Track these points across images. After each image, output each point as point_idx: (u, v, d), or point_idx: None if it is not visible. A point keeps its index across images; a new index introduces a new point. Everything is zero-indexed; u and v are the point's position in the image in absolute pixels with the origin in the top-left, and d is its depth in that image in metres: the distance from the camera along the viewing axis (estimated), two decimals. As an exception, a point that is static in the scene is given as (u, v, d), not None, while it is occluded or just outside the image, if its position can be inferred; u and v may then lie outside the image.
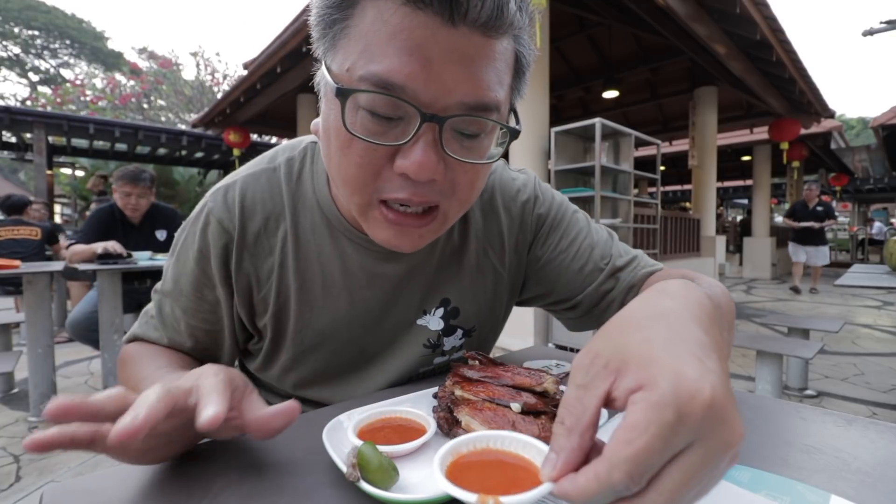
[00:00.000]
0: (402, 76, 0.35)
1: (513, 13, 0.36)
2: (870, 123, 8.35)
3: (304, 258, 0.54)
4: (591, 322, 0.64)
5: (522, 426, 0.38)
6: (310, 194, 0.55)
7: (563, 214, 0.64)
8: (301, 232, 0.54)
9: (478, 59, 0.36)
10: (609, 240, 0.64)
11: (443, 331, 0.61)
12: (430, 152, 0.38)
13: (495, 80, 0.38)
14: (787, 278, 8.90)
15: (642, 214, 4.34)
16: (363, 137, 0.38)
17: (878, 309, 5.51)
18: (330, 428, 0.40)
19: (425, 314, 0.60)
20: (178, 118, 17.88)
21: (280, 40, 4.78)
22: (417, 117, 0.37)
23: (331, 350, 0.57)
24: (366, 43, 0.36)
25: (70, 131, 7.03)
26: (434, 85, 0.36)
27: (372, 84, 0.36)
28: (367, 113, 0.38)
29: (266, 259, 0.54)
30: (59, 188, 12.57)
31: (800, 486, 0.33)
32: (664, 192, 17.59)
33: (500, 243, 0.62)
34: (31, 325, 2.26)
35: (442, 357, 0.63)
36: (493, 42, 0.37)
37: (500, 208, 0.62)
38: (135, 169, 2.57)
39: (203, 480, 0.36)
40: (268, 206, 0.53)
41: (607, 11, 5.28)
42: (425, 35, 0.35)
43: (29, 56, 26.09)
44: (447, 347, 0.62)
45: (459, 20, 0.35)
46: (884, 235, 12.75)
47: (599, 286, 0.60)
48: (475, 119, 0.38)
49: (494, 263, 0.62)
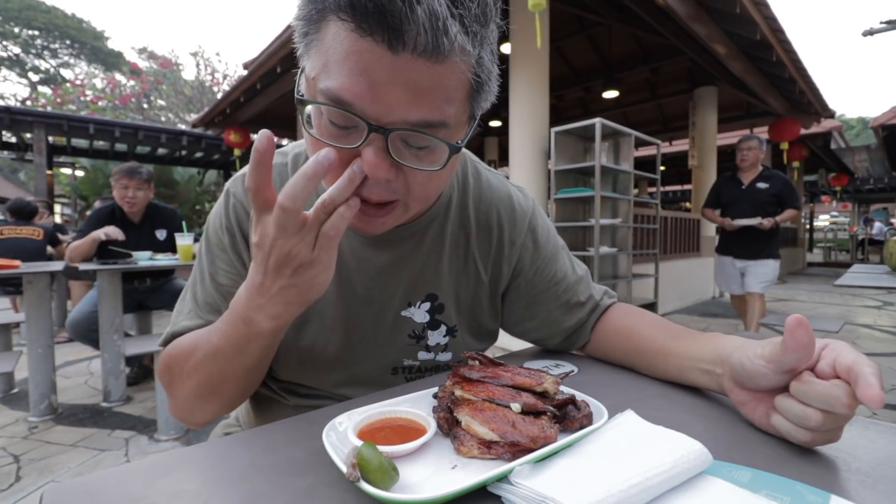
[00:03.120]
0: (351, 95, 0.39)
1: (454, 36, 0.38)
2: (870, 123, 8.36)
3: None
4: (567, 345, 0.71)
5: (522, 426, 0.38)
6: None
7: (557, 249, 0.70)
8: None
9: (422, 83, 0.39)
10: (585, 276, 0.72)
11: (427, 324, 0.63)
12: (381, 157, 0.42)
13: (441, 99, 0.41)
14: (788, 278, 8.89)
15: (642, 214, 4.34)
16: (326, 140, 0.43)
17: (878, 309, 5.51)
18: (330, 428, 0.40)
19: (410, 306, 0.62)
20: (178, 118, 17.89)
21: (280, 40, 4.78)
22: (366, 128, 0.41)
23: (316, 329, 0.60)
24: (326, 59, 0.40)
25: (70, 131, 7.03)
26: (378, 104, 0.40)
27: (327, 98, 0.41)
28: (326, 119, 0.43)
29: None
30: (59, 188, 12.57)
31: (800, 487, 0.33)
32: (664, 192, 17.59)
33: (488, 254, 0.66)
34: (31, 325, 2.26)
35: (427, 353, 0.64)
36: (439, 66, 0.39)
37: (493, 223, 0.66)
38: (131, 163, 2.60)
39: (203, 480, 0.36)
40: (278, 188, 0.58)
41: (607, 11, 5.29)
42: (371, 60, 0.38)
43: (29, 56, 26.09)
44: (431, 343, 0.64)
45: (400, 49, 0.37)
46: (884, 235, 12.74)
47: (584, 317, 0.69)
48: (419, 135, 0.42)
49: (480, 270, 0.65)
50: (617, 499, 0.30)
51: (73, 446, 2.01)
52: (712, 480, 0.34)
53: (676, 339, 0.57)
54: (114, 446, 2.01)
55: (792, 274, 9.89)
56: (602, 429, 0.40)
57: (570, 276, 0.69)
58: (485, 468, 0.36)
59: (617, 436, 0.39)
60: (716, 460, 0.36)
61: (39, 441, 2.07)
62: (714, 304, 5.87)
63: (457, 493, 0.31)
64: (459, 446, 0.38)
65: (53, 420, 2.28)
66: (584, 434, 0.39)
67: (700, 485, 0.33)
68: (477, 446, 0.38)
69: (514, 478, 0.33)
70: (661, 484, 0.32)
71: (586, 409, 0.43)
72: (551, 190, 3.50)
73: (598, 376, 0.62)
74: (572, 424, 0.42)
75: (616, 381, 0.60)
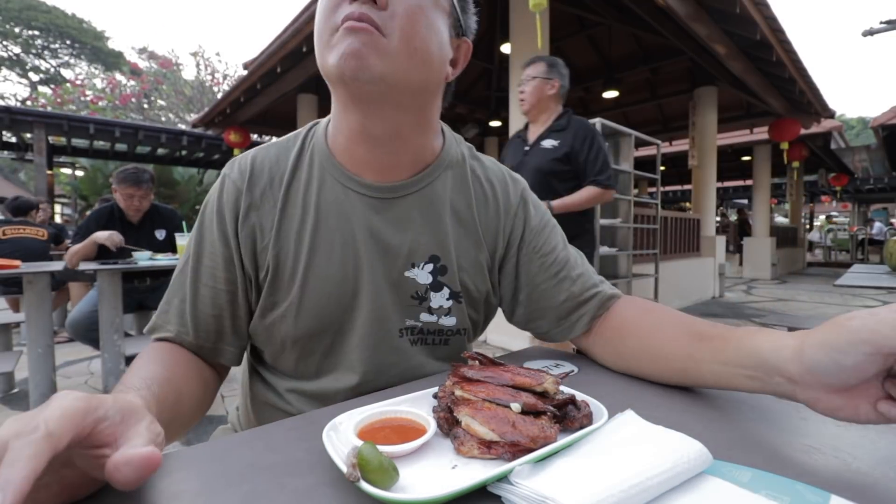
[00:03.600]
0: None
1: None
2: (870, 123, 8.35)
3: (304, 204, 0.61)
4: (560, 332, 0.68)
5: (522, 426, 0.38)
6: (309, 153, 0.63)
7: (548, 223, 0.71)
8: (298, 181, 0.62)
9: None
10: (579, 257, 0.70)
11: (430, 285, 0.64)
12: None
13: None
14: (788, 278, 8.90)
15: (642, 214, 4.34)
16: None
17: (878, 309, 5.50)
18: (330, 428, 0.40)
19: (413, 267, 0.63)
20: (178, 118, 17.89)
21: (280, 40, 4.78)
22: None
23: (326, 293, 0.60)
24: None
25: (70, 131, 7.04)
26: None
27: None
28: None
29: (270, 211, 0.60)
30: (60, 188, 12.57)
31: (800, 487, 0.33)
32: (664, 192, 17.59)
33: (486, 223, 0.67)
34: (31, 325, 2.26)
35: (430, 315, 0.64)
36: None
37: (488, 193, 0.68)
38: (135, 170, 2.57)
39: (203, 480, 0.36)
40: (274, 168, 0.62)
41: (607, 11, 5.29)
42: None
43: (29, 56, 26.08)
44: (434, 305, 0.64)
45: None
46: (884, 235, 12.74)
47: (575, 296, 0.66)
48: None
49: (481, 234, 0.67)
50: (617, 499, 0.30)
51: (73, 446, 2.01)
52: (712, 480, 0.34)
53: (704, 341, 0.51)
54: (114, 446, 2.01)
55: (792, 274, 9.89)
56: (602, 429, 0.40)
57: (560, 252, 0.68)
58: (485, 468, 0.36)
59: (617, 436, 0.39)
60: (716, 460, 0.36)
61: (39, 441, 2.06)
62: (714, 304, 5.87)
63: (457, 493, 0.31)
64: (459, 446, 0.38)
65: (53, 420, 2.28)
66: (584, 434, 0.39)
67: (700, 485, 0.34)
68: (477, 446, 0.38)
69: (514, 478, 0.33)
70: (661, 484, 0.32)
71: (586, 408, 0.43)
72: (551, 190, 3.50)
73: (598, 376, 0.62)
74: (572, 424, 0.42)
75: (616, 381, 0.60)
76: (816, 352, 0.39)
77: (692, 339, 0.53)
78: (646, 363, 0.58)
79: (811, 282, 8.31)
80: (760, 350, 0.44)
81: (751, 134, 8.76)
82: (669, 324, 0.58)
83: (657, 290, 4.09)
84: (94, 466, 0.31)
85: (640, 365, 0.59)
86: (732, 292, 6.95)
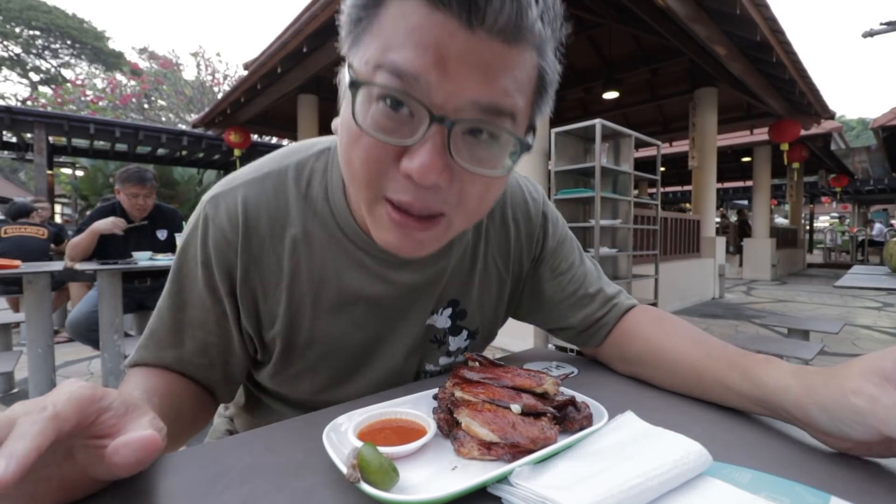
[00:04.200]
0: (416, 67, 0.35)
1: (532, 21, 0.36)
2: (870, 125, 8.35)
3: (320, 267, 0.53)
4: (579, 342, 0.68)
5: (522, 427, 0.38)
6: (321, 200, 0.53)
7: (565, 238, 0.68)
8: (314, 240, 0.52)
9: (494, 65, 0.36)
10: (595, 270, 0.69)
11: (449, 329, 0.62)
12: (436, 156, 0.37)
13: (512, 87, 0.38)
14: (788, 279, 8.89)
15: (642, 215, 4.34)
16: (373, 133, 0.38)
17: (878, 310, 5.50)
18: (330, 429, 0.40)
19: (433, 314, 0.61)
20: (178, 118, 17.88)
21: (280, 41, 4.78)
22: (427, 117, 0.36)
23: (345, 353, 0.57)
24: (385, 37, 0.36)
25: (71, 131, 7.03)
26: (447, 82, 0.36)
27: (387, 72, 0.36)
28: (378, 107, 0.38)
29: (273, 269, 0.52)
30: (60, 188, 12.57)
31: (799, 487, 0.33)
32: (664, 193, 17.60)
33: (507, 252, 0.64)
34: (30, 325, 2.26)
35: (447, 358, 0.64)
36: (513, 50, 0.37)
37: (510, 219, 0.64)
38: (138, 169, 2.58)
39: (203, 481, 0.36)
40: (273, 213, 0.51)
41: (607, 12, 5.29)
42: (443, 35, 0.35)
43: (30, 56, 26.09)
44: (452, 347, 0.63)
45: (477, 25, 0.35)
46: (884, 237, 12.74)
47: (594, 312, 0.65)
48: (486, 122, 0.38)
49: (500, 270, 0.64)
50: (617, 500, 0.30)
51: (73, 446, 2.01)
52: (712, 482, 0.34)
53: (711, 359, 0.50)
54: (113, 446, 2.01)
55: (792, 275, 9.89)
56: (602, 430, 0.41)
57: (578, 268, 0.66)
58: (485, 469, 0.36)
59: (617, 437, 0.39)
60: (715, 461, 0.36)
61: (39, 441, 2.06)
62: (714, 305, 5.87)
63: (457, 494, 0.31)
64: (459, 447, 0.38)
65: (53, 420, 2.28)
66: (584, 435, 0.39)
67: (700, 486, 0.34)
68: (477, 447, 0.38)
69: (514, 479, 0.33)
70: (660, 485, 0.32)
71: (586, 410, 0.43)
72: (551, 191, 3.50)
73: (599, 378, 0.62)
74: (572, 426, 0.42)
75: (616, 383, 0.60)
76: (820, 415, 0.38)
77: (700, 355, 0.52)
78: (650, 369, 0.58)
79: (811, 283, 8.30)
80: (765, 385, 0.44)
81: (751, 135, 8.76)
82: (678, 335, 0.57)
83: (657, 291, 4.09)
84: (94, 461, 0.32)
85: (643, 370, 0.59)
86: (732, 293, 6.95)
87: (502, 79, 0.37)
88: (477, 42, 0.35)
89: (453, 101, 0.36)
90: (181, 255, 0.54)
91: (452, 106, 0.36)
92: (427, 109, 0.36)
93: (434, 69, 0.35)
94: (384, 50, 0.36)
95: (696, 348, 0.53)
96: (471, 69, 0.36)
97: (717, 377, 0.49)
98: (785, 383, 0.42)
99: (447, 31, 0.35)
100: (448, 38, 0.35)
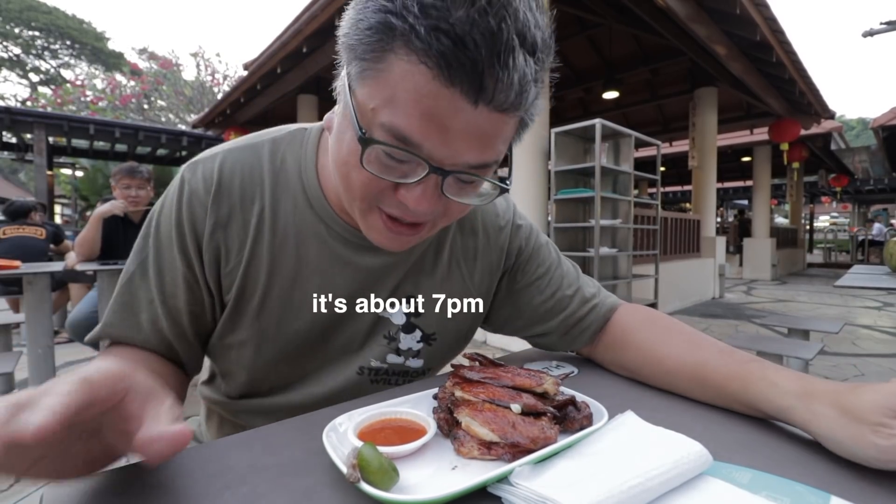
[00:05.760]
0: (421, 136, 0.39)
1: (531, 98, 0.40)
2: (870, 124, 8.36)
3: (282, 235, 0.55)
4: (564, 346, 0.68)
5: (522, 427, 0.38)
6: (293, 176, 0.56)
7: (541, 245, 0.69)
8: (281, 210, 0.55)
9: (490, 133, 0.40)
10: (574, 271, 0.69)
11: (403, 327, 0.62)
12: (430, 193, 0.43)
13: (500, 144, 0.42)
14: (788, 279, 8.90)
15: (642, 215, 4.34)
16: (375, 173, 0.42)
17: (878, 310, 5.50)
18: (330, 429, 0.40)
19: (389, 307, 0.61)
20: (178, 119, 17.89)
21: (280, 41, 4.78)
22: (426, 168, 0.41)
23: (294, 330, 0.57)
24: (392, 94, 0.38)
25: (70, 132, 7.04)
26: (447, 149, 0.40)
27: (391, 133, 0.39)
28: (382, 153, 0.41)
29: (239, 232, 0.54)
30: (60, 188, 12.58)
31: (800, 487, 0.33)
32: (664, 193, 17.60)
33: (474, 260, 0.65)
34: (31, 326, 2.26)
35: (396, 357, 0.62)
36: (507, 118, 0.40)
37: (479, 228, 0.65)
38: (130, 163, 2.60)
39: (203, 481, 0.36)
40: (246, 181, 0.55)
41: (607, 12, 5.29)
42: (448, 109, 0.38)
43: (29, 57, 26.09)
44: (403, 346, 0.62)
45: (482, 103, 0.38)
46: (884, 236, 12.73)
47: (573, 313, 0.65)
48: (475, 174, 0.43)
49: (464, 277, 0.64)
50: (617, 500, 0.30)
51: (73, 447, 2.01)
52: (712, 481, 0.34)
53: (709, 367, 0.51)
54: (114, 447, 2.01)
55: (792, 275, 9.89)
56: (602, 430, 0.41)
57: (555, 271, 0.67)
58: (485, 469, 0.36)
59: (617, 437, 0.39)
60: (716, 461, 0.36)
61: (39, 441, 2.06)
62: (714, 305, 5.87)
63: (457, 493, 0.31)
64: (459, 447, 0.38)
65: (53, 420, 2.28)
66: (584, 435, 0.39)
67: (700, 486, 0.34)
68: (477, 447, 0.38)
69: (515, 479, 0.33)
70: (661, 485, 0.32)
71: (586, 410, 0.43)
72: (551, 191, 3.50)
73: (599, 377, 0.62)
74: (572, 425, 0.42)
75: (616, 382, 0.60)
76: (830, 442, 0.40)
77: (697, 363, 0.53)
78: (647, 375, 0.58)
79: (811, 282, 8.30)
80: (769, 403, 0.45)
81: (751, 135, 8.77)
82: (672, 343, 0.57)
83: (657, 291, 4.09)
84: (119, 438, 0.33)
85: (642, 376, 0.59)
86: (732, 293, 6.95)
87: (495, 143, 0.42)
88: (478, 116, 0.38)
89: (450, 160, 0.41)
90: (155, 219, 0.55)
91: (450, 163, 0.41)
92: (427, 163, 0.40)
93: (437, 138, 0.39)
94: (392, 107, 0.39)
95: (693, 356, 0.54)
96: (470, 138, 0.40)
97: (718, 388, 0.50)
98: (789, 404, 0.43)
99: (454, 106, 0.37)
100: (453, 113, 0.38)
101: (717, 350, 0.53)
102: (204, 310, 0.57)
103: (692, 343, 0.56)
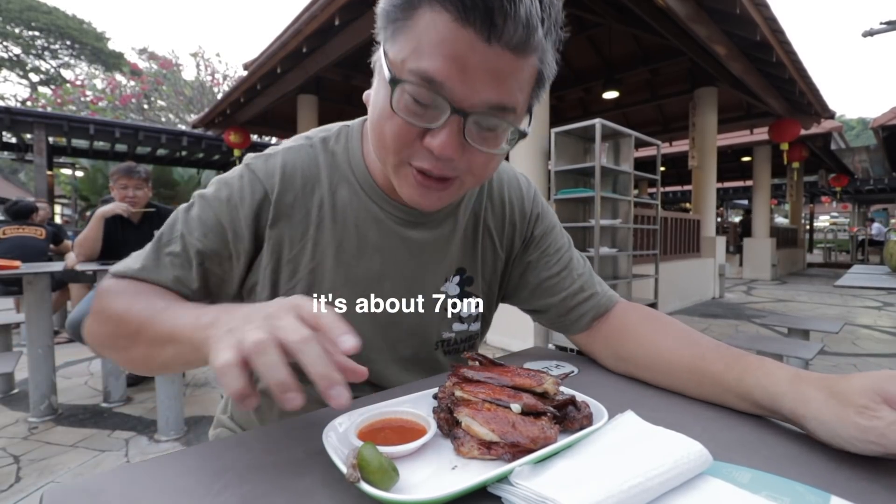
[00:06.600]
0: (443, 76, 0.43)
1: (538, 38, 0.44)
2: (870, 124, 8.36)
3: (342, 221, 0.61)
4: (560, 327, 0.71)
5: (522, 427, 0.38)
6: (344, 165, 0.62)
7: (555, 226, 0.74)
8: (338, 198, 0.61)
9: (505, 72, 0.44)
10: (583, 260, 0.73)
11: (458, 296, 0.68)
12: (453, 138, 0.46)
13: (516, 88, 0.46)
14: (788, 279, 8.89)
15: (642, 215, 4.34)
16: (404, 117, 0.46)
17: (878, 310, 5.51)
18: (330, 428, 0.40)
19: (446, 281, 0.67)
20: (178, 118, 17.89)
21: (280, 41, 4.78)
22: (448, 109, 0.45)
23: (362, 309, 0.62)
24: (418, 43, 0.44)
25: (70, 132, 7.04)
26: (466, 87, 0.44)
27: (419, 77, 0.44)
28: (410, 98, 0.46)
29: (301, 222, 0.60)
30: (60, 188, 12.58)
31: (800, 487, 0.33)
32: (664, 193, 17.60)
33: (501, 228, 0.71)
34: (31, 326, 2.26)
35: (461, 324, 0.69)
36: (520, 60, 0.44)
37: (506, 200, 0.71)
38: (128, 163, 2.60)
39: (203, 481, 0.36)
40: (306, 174, 0.61)
41: (607, 12, 5.29)
42: (466, 47, 0.43)
43: (29, 57, 26.08)
44: (464, 314, 0.69)
45: (495, 40, 0.42)
46: (883, 236, 12.73)
47: (574, 294, 0.69)
48: (494, 116, 0.46)
49: (496, 244, 0.71)
50: (617, 499, 0.30)
51: (74, 447, 2.01)
52: (712, 481, 0.34)
53: (707, 361, 0.53)
54: (114, 447, 2.01)
55: (792, 274, 9.89)
56: (602, 429, 0.41)
57: (565, 252, 0.72)
58: (485, 469, 0.36)
59: (617, 437, 0.39)
60: (715, 461, 0.36)
61: (39, 442, 2.06)
62: (714, 305, 5.87)
63: (457, 493, 0.31)
64: (459, 447, 0.38)
65: (53, 421, 2.28)
66: (584, 435, 0.39)
67: (700, 485, 0.34)
68: (477, 447, 0.38)
69: (515, 478, 0.33)
70: (661, 485, 0.32)
71: (586, 409, 0.43)
72: (551, 190, 3.50)
73: (598, 377, 0.62)
74: (572, 425, 0.42)
75: (616, 382, 0.60)
76: (817, 427, 0.41)
77: (695, 357, 0.54)
78: (643, 369, 0.59)
79: (811, 282, 8.30)
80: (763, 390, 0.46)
81: (751, 135, 8.76)
82: (671, 336, 0.59)
83: (657, 291, 4.09)
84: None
85: (637, 370, 0.60)
86: (732, 293, 6.95)
87: (510, 83, 0.45)
88: (492, 54, 0.43)
89: (470, 99, 0.45)
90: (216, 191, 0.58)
91: (469, 103, 0.45)
92: (449, 104, 0.45)
93: (457, 76, 0.44)
94: (417, 54, 0.44)
95: (691, 350, 0.55)
96: (486, 76, 0.44)
97: (715, 379, 0.51)
98: (781, 390, 0.44)
99: (470, 44, 0.42)
100: (470, 51, 0.43)
101: (714, 344, 0.56)
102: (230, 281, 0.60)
103: (690, 338, 0.58)
